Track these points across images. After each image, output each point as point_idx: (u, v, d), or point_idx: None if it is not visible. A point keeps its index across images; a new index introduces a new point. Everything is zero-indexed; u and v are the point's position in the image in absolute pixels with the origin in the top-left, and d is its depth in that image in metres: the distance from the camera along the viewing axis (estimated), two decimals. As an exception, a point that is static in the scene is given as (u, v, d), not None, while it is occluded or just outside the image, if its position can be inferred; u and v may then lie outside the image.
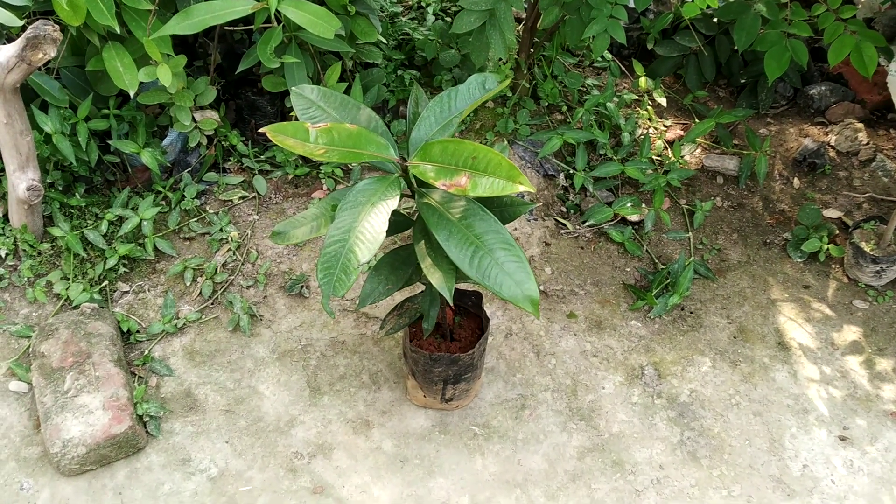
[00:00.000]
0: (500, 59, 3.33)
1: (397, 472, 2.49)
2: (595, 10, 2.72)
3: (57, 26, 2.35)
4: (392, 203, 1.81)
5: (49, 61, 2.83)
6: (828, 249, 3.02)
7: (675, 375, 2.75)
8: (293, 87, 2.03)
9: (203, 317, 2.82)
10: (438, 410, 2.63)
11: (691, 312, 2.93)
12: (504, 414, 2.64)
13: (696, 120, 3.49)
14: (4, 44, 2.48)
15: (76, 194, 2.94)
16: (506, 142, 2.23)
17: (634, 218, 3.11)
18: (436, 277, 1.87)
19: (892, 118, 3.55)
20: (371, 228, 1.77)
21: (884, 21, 3.66)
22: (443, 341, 2.49)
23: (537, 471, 2.50)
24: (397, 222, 2.06)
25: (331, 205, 1.96)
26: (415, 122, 1.98)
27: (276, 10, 2.58)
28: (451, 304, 1.97)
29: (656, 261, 3.06)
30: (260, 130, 1.94)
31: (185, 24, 2.55)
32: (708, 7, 2.59)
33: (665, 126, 3.48)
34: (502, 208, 2.01)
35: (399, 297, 2.66)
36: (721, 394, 2.70)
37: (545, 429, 2.60)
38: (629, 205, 3.05)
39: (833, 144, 3.42)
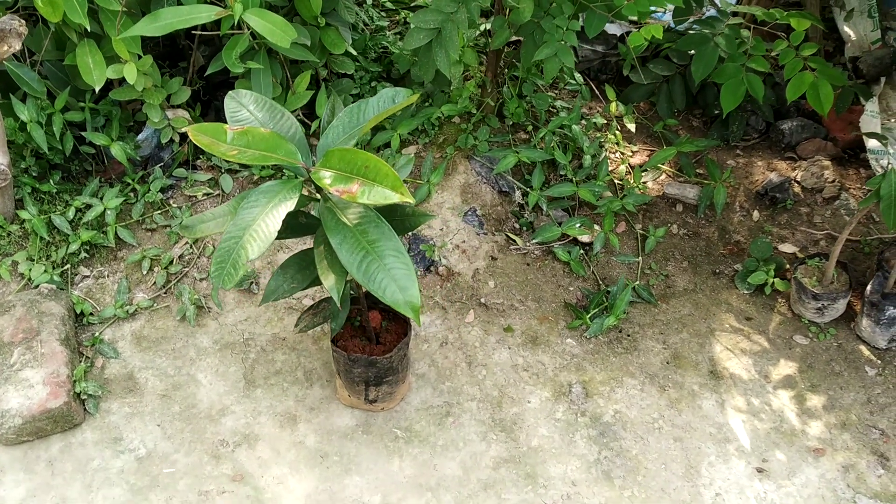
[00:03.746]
0: (466, 76, 3.42)
1: (315, 467, 2.57)
2: (547, 34, 2.79)
3: (23, 21, 2.51)
4: (289, 205, 1.91)
5: (34, 53, 3.02)
6: (773, 283, 3.03)
7: (602, 395, 2.79)
8: (230, 92, 2.15)
9: (155, 305, 2.95)
10: (364, 411, 2.71)
11: (628, 335, 2.97)
12: (428, 419, 2.71)
13: (665, 147, 3.53)
14: (-20, 35, 2.65)
15: (51, 181, 3.10)
16: (413, 154, 2.30)
17: (586, 239, 3.16)
18: (328, 280, 1.96)
19: (864, 157, 3.53)
20: (265, 228, 1.87)
21: (868, 61, 3.66)
22: (367, 343, 2.58)
23: (451, 477, 2.57)
24: (308, 224, 2.16)
25: (239, 202, 2.06)
26: (326, 129, 2.07)
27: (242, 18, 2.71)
28: (339, 306, 2.06)
29: (601, 282, 3.11)
30: (181, 130, 2.06)
31: (152, 26, 2.68)
32: (653, 37, 2.64)
33: (632, 151, 3.52)
34: (404, 218, 2.10)
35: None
36: (645, 417, 2.74)
37: (466, 437, 2.67)
38: (578, 225, 3.11)
39: (799, 180, 3.42)
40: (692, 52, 3.46)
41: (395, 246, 1.92)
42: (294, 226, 2.15)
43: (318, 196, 2.07)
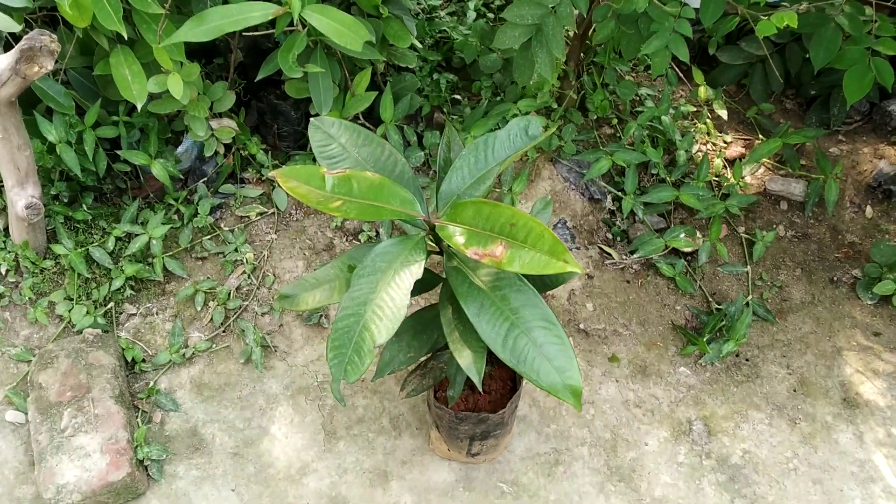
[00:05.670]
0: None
1: (416, 533, 2.28)
2: (655, 23, 2.41)
3: (55, 37, 2.12)
4: (416, 270, 1.57)
5: (57, 60, 2.62)
6: (903, 293, 2.71)
7: (726, 433, 2.49)
8: (312, 120, 1.78)
9: (213, 346, 2.61)
10: (463, 463, 2.40)
11: (747, 360, 2.65)
12: (535, 470, 2.40)
13: (760, 135, 3.18)
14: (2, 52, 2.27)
15: (83, 206, 2.73)
16: (549, 198, 1.95)
17: (687, 248, 2.82)
18: (464, 357, 1.63)
19: (981, 139, 3.19)
20: (391, 302, 1.53)
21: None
22: (471, 393, 2.26)
23: (570, 538, 2.28)
24: (423, 279, 1.81)
25: (347, 265, 1.72)
26: (446, 170, 1.72)
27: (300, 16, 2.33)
28: (481, 389, 1.73)
29: (710, 299, 2.78)
30: (269, 175, 1.70)
31: (198, 30, 2.29)
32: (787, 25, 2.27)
33: (725, 142, 3.16)
34: (543, 274, 1.75)
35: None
36: (777, 456, 2.44)
37: (580, 489, 2.37)
38: (683, 236, 2.76)
39: (912, 168, 3.08)
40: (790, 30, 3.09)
41: (544, 315, 1.59)
42: (408, 283, 1.80)
43: (438, 248, 1.73)
